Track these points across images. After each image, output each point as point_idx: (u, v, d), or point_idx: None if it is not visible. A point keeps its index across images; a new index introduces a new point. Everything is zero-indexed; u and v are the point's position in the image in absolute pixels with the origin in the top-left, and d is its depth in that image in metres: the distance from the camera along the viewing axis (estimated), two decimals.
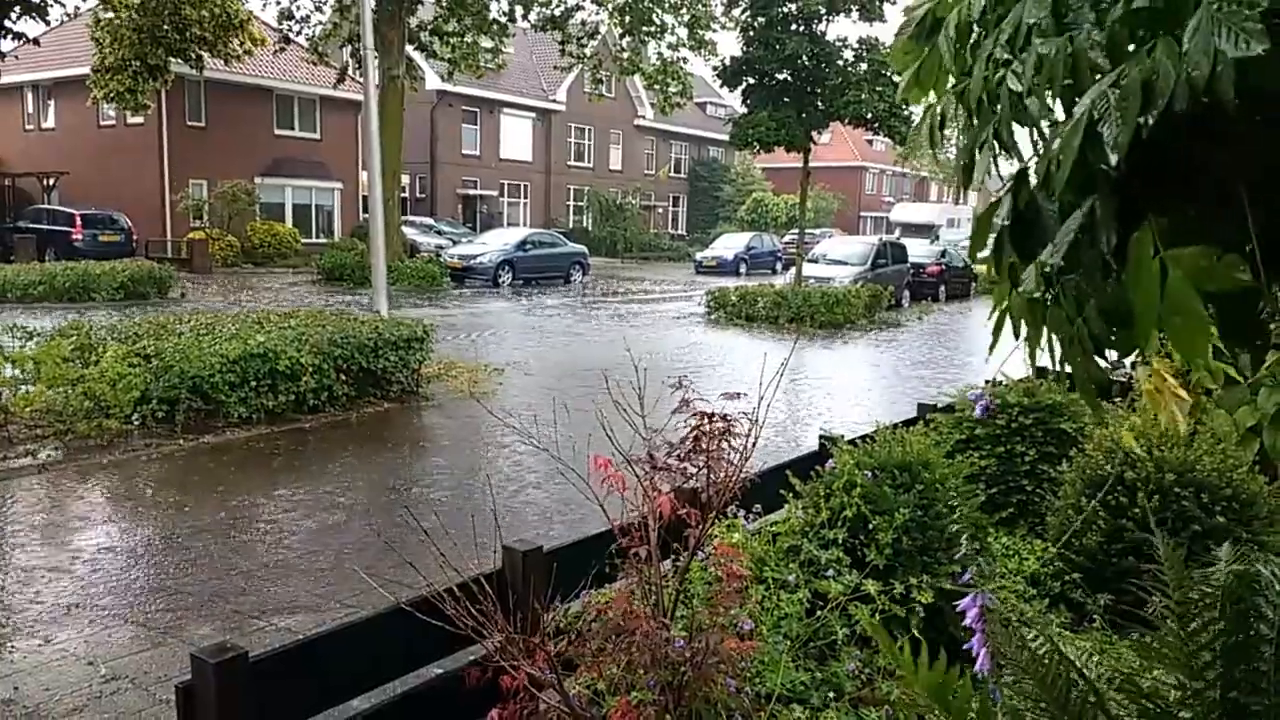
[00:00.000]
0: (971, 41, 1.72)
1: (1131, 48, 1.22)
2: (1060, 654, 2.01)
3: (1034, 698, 1.74)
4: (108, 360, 8.87)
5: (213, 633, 4.94)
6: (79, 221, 27.19)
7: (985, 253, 1.64)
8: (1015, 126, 1.56)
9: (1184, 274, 1.24)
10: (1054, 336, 1.64)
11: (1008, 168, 1.84)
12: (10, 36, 10.05)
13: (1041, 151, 1.53)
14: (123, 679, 4.46)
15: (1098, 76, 1.22)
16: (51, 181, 30.81)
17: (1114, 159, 1.22)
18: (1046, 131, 1.62)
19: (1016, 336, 1.73)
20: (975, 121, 1.68)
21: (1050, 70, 1.36)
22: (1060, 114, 1.61)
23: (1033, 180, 1.52)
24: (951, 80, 1.83)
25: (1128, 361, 2.30)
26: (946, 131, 1.96)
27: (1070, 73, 1.26)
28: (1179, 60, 1.05)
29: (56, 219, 27.72)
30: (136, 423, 8.87)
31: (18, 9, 9.82)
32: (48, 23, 10.54)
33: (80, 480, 7.72)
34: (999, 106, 1.52)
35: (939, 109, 1.65)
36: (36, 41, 10.70)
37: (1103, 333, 1.48)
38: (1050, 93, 1.44)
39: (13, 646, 4.77)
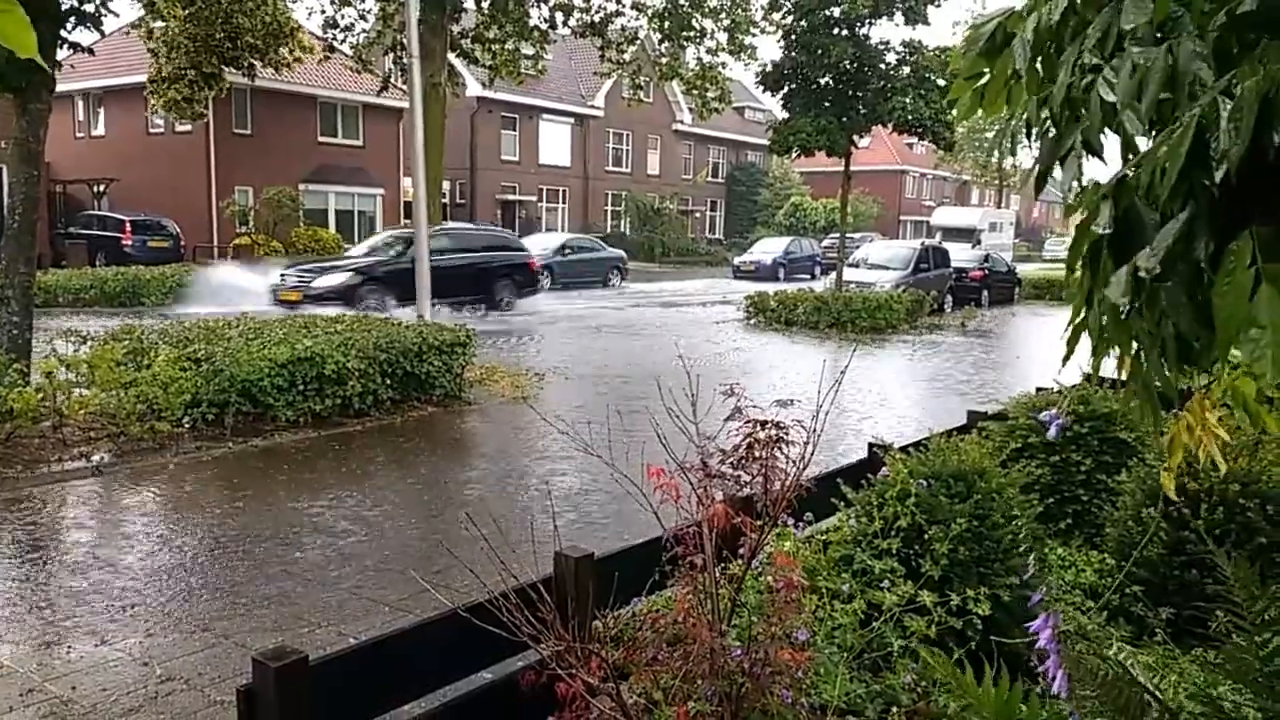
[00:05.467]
0: (1050, 47, 1.69)
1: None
2: (1131, 677, 1.97)
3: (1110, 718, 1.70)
4: (159, 364, 9.04)
5: (265, 634, 5.00)
6: (129, 227, 27.75)
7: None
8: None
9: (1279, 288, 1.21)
10: (1134, 344, 1.60)
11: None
12: (65, 46, 10.25)
13: (1132, 160, 1.49)
14: (177, 680, 4.53)
15: (1199, 89, 1.19)
16: (102, 188, 31.46)
17: (1218, 174, 1.18)
18: (1140, 143, 1.58)
19: (1095, 346, 1.69)
20: (1057, 129, 1.65)
21: (1142, 78, 1.33)
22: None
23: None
24: (1024, 89, 1.80)
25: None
26: (1014, 141, 1.93)
27: (1168, 85, 1.22)
28: None
29: (107, 225, 28.31)
30: (187, 425, 9.02)
31: (73, 19, 10.02)
32: (102, 32, 10.73)
33: (133, 482, 7.85)
34: (1085, 113, 1.49)
35: (1022, 116, 1.62)
36: (90, 51, 10.91)
37: (1192, 339, 1.45)
38: (1142, 104, 1.41)
39: (70, 646, 4.85)
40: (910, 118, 20.44)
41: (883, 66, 20.93)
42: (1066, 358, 1.70)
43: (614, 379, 13.22)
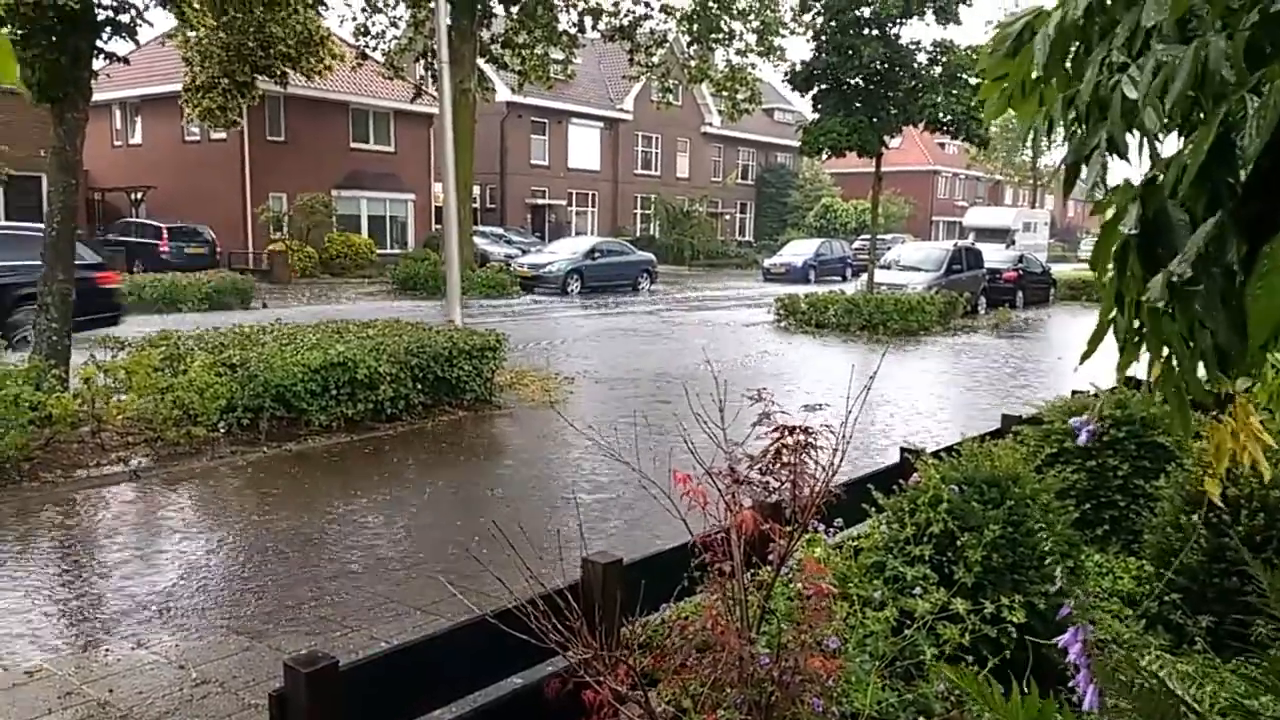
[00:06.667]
0: (1075, 47, 1.67)
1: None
2: (1167, 689, 1.93)
3: None
4: (195, 370, 9.15)
5: (298, 638, 5.04)
6: (165, 234, 28.19)
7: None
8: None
9: None
10: (1167, 348, 1.57)
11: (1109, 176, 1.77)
12: (101, 56, 10.42)
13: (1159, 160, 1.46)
14: (212, 683, 4.57)
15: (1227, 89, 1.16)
16: (139, 196, 31.99)
17: (1243, 174, 1.15)
18: (1159, 142, 1.55)
19: (1121, 349, 1.66)
20: (1084, 127, 1.62)
21: (1169, 76, 1.30)
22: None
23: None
24: (1055, 89, 1.77)
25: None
26: (1040, 140, 1.90)
27: (1197, 84, 1.20)
28: None
29: (144, 232, 28.78)
30: (222, 430, 9.13)
31: (109, 29, 10.18)
32: (137, 42, 10.90)
33: (170, 487, 7.96)
34: (1110, 111, 1.47)
35: (1047, 113, 1.59)
36: (126, 60, 11.08)
37: (1228, 346, 1.41)
38: (1166, 102, 1.38)
39: (107, 649, 4.92)
40: (942, 116, 20.28)
41: (914, 66, 20.79)
42: (1085, 356, 1.66)
43: (643, 383, 13.22)
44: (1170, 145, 1.58)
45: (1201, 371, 1.53)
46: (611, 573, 3.28)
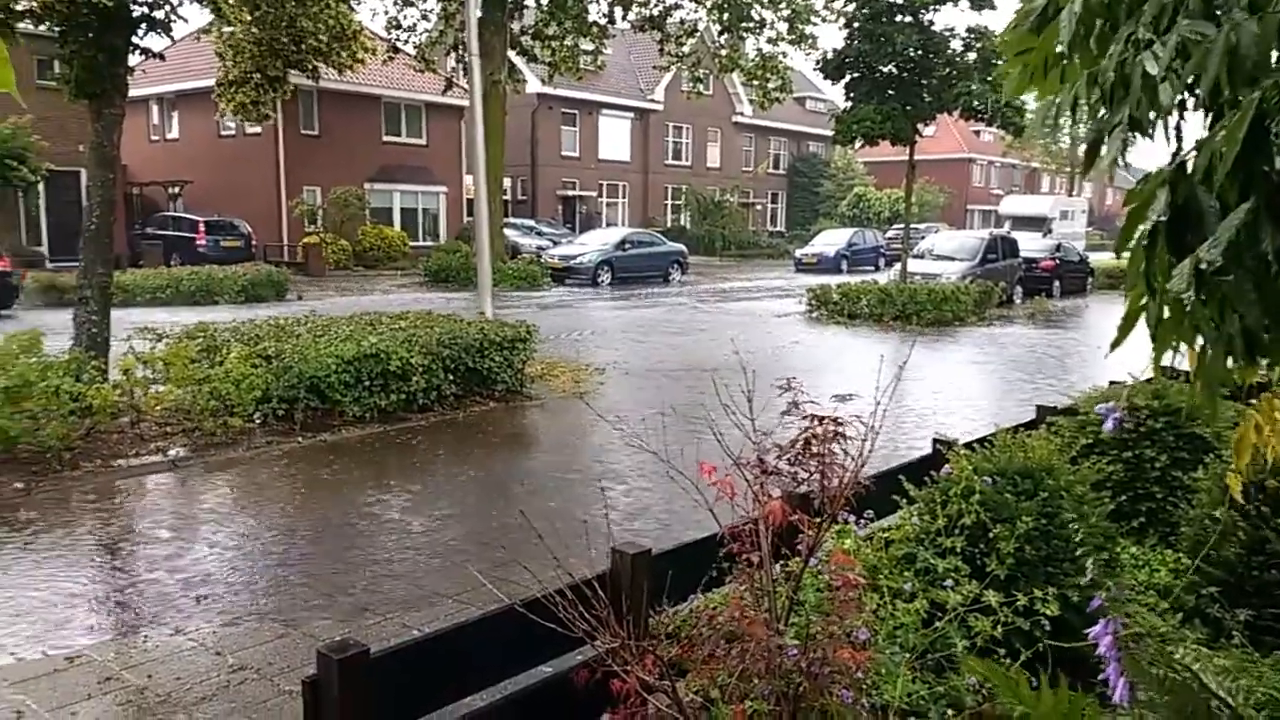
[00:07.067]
0: (1100, 24, 1.63)
1: None
2: (1201, 683, 1.89)
3: None
4: (231, 361, 9.27)
5: (332, 625, 5.10)
6: (202, 228, 28.58)
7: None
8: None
9: None
10: (1198, 337, 1.54)
11: (1136, 160, 1.73)
12: (137, 52, 10.56)
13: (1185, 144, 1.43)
14: (249, 669, 4.64)
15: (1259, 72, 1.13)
16: (176, 190, 32.43)
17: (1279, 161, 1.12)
18: (1179, 118, 1.52)
19: (1154, 337, 1.63)
20: (1108, 105, 1.59)
21: (1201, 61, 1.27)
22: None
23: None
24: (1078, 67, 1.74)
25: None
26: (1062, 120, 1.86)
27: (1228, 66, 1.17)
28: None
29: (181, 226, 29.20)
30: (258, 421, 9.25)
31: (144, 26, 10.31)
32: (172, 38, 11.04)
33: (208, 476, 8.08)
34: (1131, 87, 1.44)
35: (1071, 92, 1.56)
36: (161, 56, 11.22)
37: (1258, 332, 1.38)
38: (1196, 83, 1.35)
39: (145, 635, 5.01)
40: (977, 104, 20.00)
41: (948, 53, 20.50)
42: (1116, 344, 1.63)
43: (673, 374, 13.21)
44: (1195, 126, 1.54)
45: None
46: (639, 563, 3.29)
